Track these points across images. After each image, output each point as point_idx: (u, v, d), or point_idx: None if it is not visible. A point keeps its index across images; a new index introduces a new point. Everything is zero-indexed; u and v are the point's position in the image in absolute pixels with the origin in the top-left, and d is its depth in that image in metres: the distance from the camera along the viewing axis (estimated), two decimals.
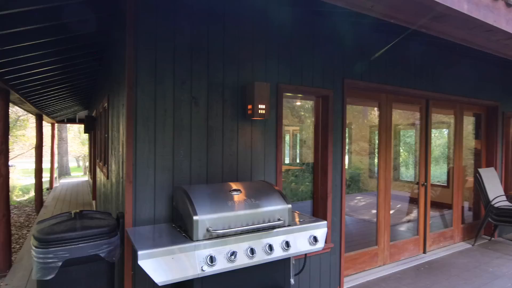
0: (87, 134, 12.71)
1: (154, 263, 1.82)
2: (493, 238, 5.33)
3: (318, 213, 3.50)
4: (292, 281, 2.49)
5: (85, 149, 22.21)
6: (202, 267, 1.92)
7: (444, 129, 5.32)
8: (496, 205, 4.77)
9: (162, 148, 2.45)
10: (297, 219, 2.51)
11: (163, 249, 1.85)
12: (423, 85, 4.26)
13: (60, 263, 2.06)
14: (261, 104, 2.67)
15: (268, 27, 2.96)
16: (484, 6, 1.95)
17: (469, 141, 5.47)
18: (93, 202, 7.87)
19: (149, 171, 2.40)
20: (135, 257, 2.19)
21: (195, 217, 1.96)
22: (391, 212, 4.33)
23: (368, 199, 4.28)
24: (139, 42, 2.35)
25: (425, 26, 2.20)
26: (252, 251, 2.08)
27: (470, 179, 5.47)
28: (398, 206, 4.56)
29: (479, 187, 4.97)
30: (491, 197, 4.87)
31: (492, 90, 5.23)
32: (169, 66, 2.46)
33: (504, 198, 5.05)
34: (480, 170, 4.99)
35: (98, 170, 5.95)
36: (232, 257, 2.01)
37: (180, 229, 2.25)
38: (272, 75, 2.97)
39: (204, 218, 1.99)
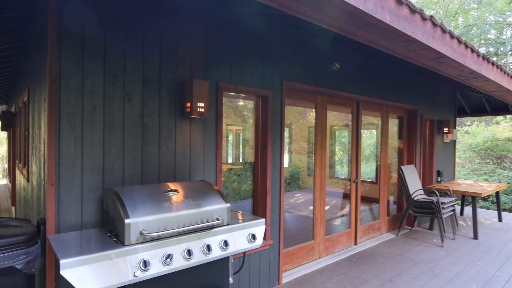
0: (5, 132, 11.28)
1: (80, 272, 1.68)
2: (413, 228, 5.95)
3: (258, 211, 3.55)
4: (231, 280, 2.49)
5: (3, 149, 19.70)
6: (134, 272, 1.82)
7: (374, 130, 5.78)
8: (415, 198, 5.33)
9: (90, 147, 2.26)
10: (235, 218, 2.52)
11: (90, 256, 1.71)
12: (354, 88, 4.58)
13: None
14: (200, 102, 2.62)
15: (208, 24, 2.92)
16: (403, 18, 2.16)
17: (394, 141, 6.04)
18: (13, 208, 7.01)
19: (75, 172, 2.20)
20: (58, 267, 1.99)
21: (126, 220, 1.85)
22: (327, 207, 4.58)
23: (306, 196, 4.46)
24: (64, 29, 2.15)
25: (354, 34, 2.37)
26: (189, 252, 2.04)
27: (395, 175, 6.04)
28: (333, 202, 4.84)
29: (401, 183, 5.50)
30: (411, 191, 5.43)
31: (412, 95, 5.84)
32: (99, 58, 2.29)
33: (422, 192, 5.68)
34: (402, 167, 5.54)
35: (18, 172, 5.32)
36: (168, 260, 1.94)
37: (111, 233, 2.10)
38: (211, 73, 2.94)
39: (137, 221, 1.89)
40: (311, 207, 4.37)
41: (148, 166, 2.55)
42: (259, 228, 2.48)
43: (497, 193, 6.64)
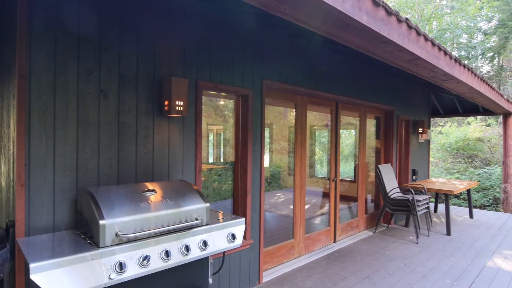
0: None
1: (50, 276, 1.61)
2: (390, 225, 6.11)
3: (238, 211, 3.54)
4: (210, 280, 2.46)
5: None
6: (109, 275, 1.76)
7: (352, 130, 5.89)
8: (392, 196, 5.47)
9: (63, 146, 2.18)
10: (215, 218, 2.49)
11: (62, 259, 1.65)
12: (333, 89, 4.65)
13: None
14: (178, 100, 2.58)
15: (187, 21, 2.88)
16: (380, 19, 2.21)
17: (372, 140, 6.18)
18: None
19: (46, 172, 2.11)
20: (28, 271, 1.90)
21: (101, 222, 1.79)
22: (307, 206, 4.63)
23: (287, 195, 4.49)
24: (34, 23, 2.05)
25: (333, 34, 2.40)
26: (167, 253, 2.00)
27: (372, 174, 6.18)
28: (313, 201, 4.89)
29: (378, 181, 5.64)
30: (388, 189, 5.57)
31: (389, 96, 5.99)
32: (73, 54, 2.21)
33: (398, 190, 5.83)
34: (379, 166, 5.67)
35: None
36: (145, 261, 1.90)
37: (85, 235, 2.03)
38: (191, 71, 2.90)
39: (112, 222, 1.83)
40: (292, 206, 4.39)
41: (124, 165, 2.48)
42: (239, 227, 2.46)
43: (468, 191, 6.93)
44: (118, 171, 2.44)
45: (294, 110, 4.42)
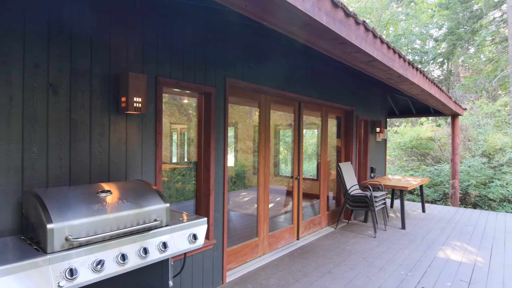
0: None
1: None
2: (350, 221, 6.34)
3: (201, 211, 3.47)
4: (170, 283, 2.39)
5: None
6: (58, 283, 1.64)
7: (315, 130, 6.03)
8: (352, 193, 5.68)
9: (6, 145, 2.00)
10: (177, 218, 2.42)
11: (3, 267, 1.50)
12: (296, 89, 4.73)
13: None
14: (136, 96, 2.47)
15: (147, 15, 2.77)
16: (339, 20, 2.27)
17: (333, 139, 6.37)
18: None
19: None
20: None
21: (49, 226, 1.67)
22: (271, 205, 4.66)
23: (252, 194, 4.49)
24: None
25: (294, 33, 2.43)
26: (124, 257, 1.90)
27: (334, 172, 6.37)
28: (277, 199, 4.94)
29: (339, 179, 5.82)
30: (348, 186, 5.78)
31: (349, 97, 6.21)
32: (17, 45, 2.03)
33: (357, 187, 6.07)
34: (340, 164, 5.86)
35: None
36: (99, 266, 1.79)
37: (31, 241, 1.88)
38: (150, 66, 2.80)
39: (61, 226, 1.71)
40: (256, 205, 4.40)
41: (77, 165, 2.33)
42: (200, 227, 2.41)
43: (421, 187, 7.38)
44: (70, 171, 2.29)
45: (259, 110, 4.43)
